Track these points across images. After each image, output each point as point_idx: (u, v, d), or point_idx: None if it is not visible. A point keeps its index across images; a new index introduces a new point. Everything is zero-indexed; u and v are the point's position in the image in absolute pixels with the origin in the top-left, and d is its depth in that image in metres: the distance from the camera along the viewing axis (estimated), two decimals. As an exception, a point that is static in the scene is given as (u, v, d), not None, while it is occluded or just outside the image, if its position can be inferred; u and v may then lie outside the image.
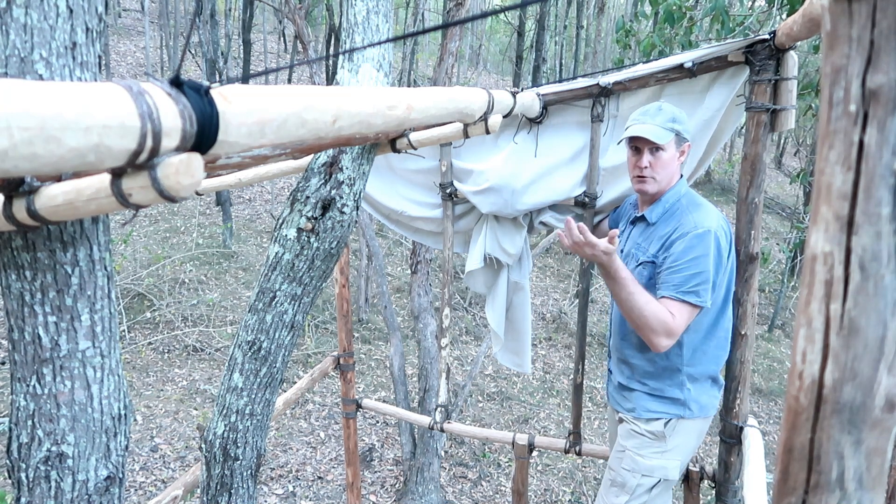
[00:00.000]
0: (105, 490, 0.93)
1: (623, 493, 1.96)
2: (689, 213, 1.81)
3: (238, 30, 14.39)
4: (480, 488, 4.69)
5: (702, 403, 1.91)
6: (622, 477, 1.97)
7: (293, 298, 1.41)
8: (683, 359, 1.87)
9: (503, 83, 19.16)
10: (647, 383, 1.93)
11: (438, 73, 4.02)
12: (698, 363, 1.88)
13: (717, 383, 1.95)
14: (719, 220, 1.80)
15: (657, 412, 1.92)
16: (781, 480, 0.50)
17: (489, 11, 0.74)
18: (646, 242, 1.89)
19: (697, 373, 1.89)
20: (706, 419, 1.95)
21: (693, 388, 1.89)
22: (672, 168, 1.85)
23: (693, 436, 1.95)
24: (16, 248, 0.82)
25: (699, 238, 1.75)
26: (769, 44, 1.76)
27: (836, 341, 0.45)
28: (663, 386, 1.90)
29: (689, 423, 1.92)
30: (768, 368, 7.35)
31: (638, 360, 1.95)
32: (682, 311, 1.74)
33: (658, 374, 1.91)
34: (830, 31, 0.44)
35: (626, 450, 1.97)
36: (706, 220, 1.78)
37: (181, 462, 4.44)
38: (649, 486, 1.94)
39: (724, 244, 1.78)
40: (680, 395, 1.89)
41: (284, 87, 0.77)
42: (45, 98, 0.50)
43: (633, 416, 1.97)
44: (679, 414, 1.90)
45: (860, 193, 0.43)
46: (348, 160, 1.37)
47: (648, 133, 1.77)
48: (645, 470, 1.93)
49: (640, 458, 1.94)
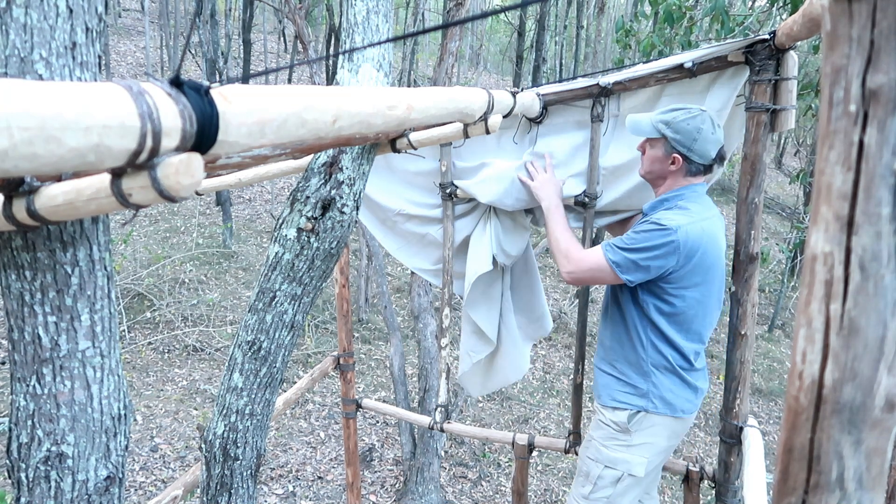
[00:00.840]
0: (105, 490, 0.93)
1: (587, 482, 2.00)
2: (667, 211, 1.85)
3: (238, 30, 14.39)
4: (480, 488, 4.69)
5: (666, 400, 1.91)
6: (587, 466, 2.02)
7: (293, 298, 1.41)
8: (648, 351, 1.92)
9: (503, 83, 19.16)
10: (616, 365, 1.99)
11: (438, 73, 4.02)
12: (664, 358, 1.91)
13: (686, 384, 1.93)
14: (693, 227, 1.77)
15: (620, 402, 1.95)
16: (781, 480, 0.50)
17: (489, 11, 0.74)
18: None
19: (660, 366, 1.91)
20: (676, 419, 1.93)
21: (657, 380, 1.91)
22: (656, 169, 1.88)
23: (662, 435, 1.94)
24: (16, 248, 0.82)
25: (656, 226, 1.78)
26: (769, 44, 1.76)
27: (836, 341, 0.45)
28: (629, 371, 1.95)
29: (656, 419, 1.92)
30: (768, 368, 7.35)
31: (610, 341, 2.02)
32: (592, 254, 1.88)
33: (626, 357, 1.96)
34: (830, 31, 0.44)
35: (593, 439, 2.02)
36: (676, 220, 1.78)
37: (181, 462, 4.44)
38: (613, 479, 1.96)
39: (685, 249, 1.76)
40: (643, 385, 1.92)
41: (284, 87, 0.77)
42: (45, 98, 0.50)
43: (599, 403, 2.02)
44: (642, 406, 1.92)
45: (860, 193, 0.43)
46: (348, 160, 1.37)
47: (629, 120, 1.88)
48: (608, 461, 1.96)
49: (604, 449, 1.97)
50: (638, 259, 1.77)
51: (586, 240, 2.32)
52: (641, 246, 1.77)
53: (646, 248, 1.77)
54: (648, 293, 1.87)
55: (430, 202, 2.63)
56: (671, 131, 1.81)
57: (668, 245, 1.76)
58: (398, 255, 2.77)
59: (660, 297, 1.86)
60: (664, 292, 1.85)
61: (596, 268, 1.85)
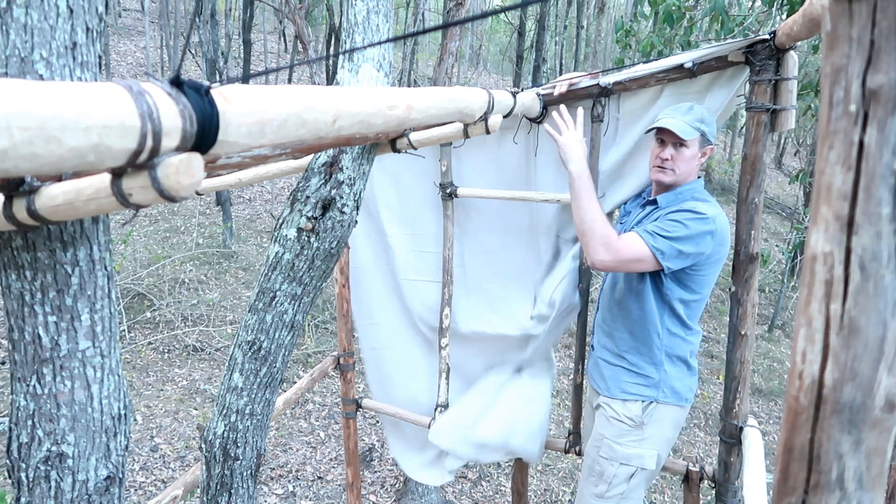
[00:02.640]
0: (105, 490, 0.93)
1: (601, 482, 1.99)
2: (695, 201, 1.87)
3: (238, 30, 14.39)
4: (480, 488, 4.69)
5: (675, 388, 1.95)
6: (600, 465, 2.01)
7: (293, 298, 1.41)
8: (664, 339, 1.93)
9: (503, 83, 19.15)
10: (626, 357, 1.99)
11: (438, 73, 4.02)
12: (676, 346, 1.94)
13: (691, 369, 1.99)
14: (722, 217, 1.85)
15: (632, 394, 1.96)
16: (781, 480, 0.50)
17: (489, 11, 0.74)
18: (647, 221, 1.93)
19: (672, 355, 1.94)
20: (681, 408, 1.98)
21: (668, 368, 1.94)
22: (692, 165, 1.90)
23: (669, 425, 1.98)
24: (16, 248, 0.82)
25: (694, 214, 1.80)
26: (769, 44, 1.76)
27: (836, 341, 0.45)
28: (641, 362, 1.96)
29: (665, 409, 1.95)
30: (768, 368, 7.35)
31: (620, 331, 2.00)
32: (633, 242, 1.79)
33: (637, 348, 1.96)
34: (830, 31, 0.44)
35: (604, 438, 2.01)
36: (709, 209, 1.83)
37: (181, 462, 4.44)
38: (627, 475, 1.97)
39: (718, 237, 1.82)
40: (654, 374, 1.94)
41: (284, 86, 0.77)
42: (46, 98, 0.50)
43: (608, 396, 2.02)
44: (653, 397, 1.94)
45: (860, 193, 0.43)
46: (348, 160, 1.37)
47: (675, 127, 1.81)
48: (622, 458, 1.97)
49: (618, 447, 1.97)
50: (682, 247, 1.78)
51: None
52: (685, 234, 1.78)
53: (689, 236, 1.78)
54: (675, 281, 1.88)
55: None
56: (706, 126, 1.86)
57: (708, 233, 1.79)
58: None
59: (685, 284, 1.88)
60: (690, 279, 1.88)
61: (637, 257, 1.78)
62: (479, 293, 2.68)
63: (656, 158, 1.93)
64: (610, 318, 2.06)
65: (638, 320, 1.96)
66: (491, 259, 2.62)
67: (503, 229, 2.56)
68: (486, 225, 2.60)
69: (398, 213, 2.71)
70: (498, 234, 2.58)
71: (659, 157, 1.91)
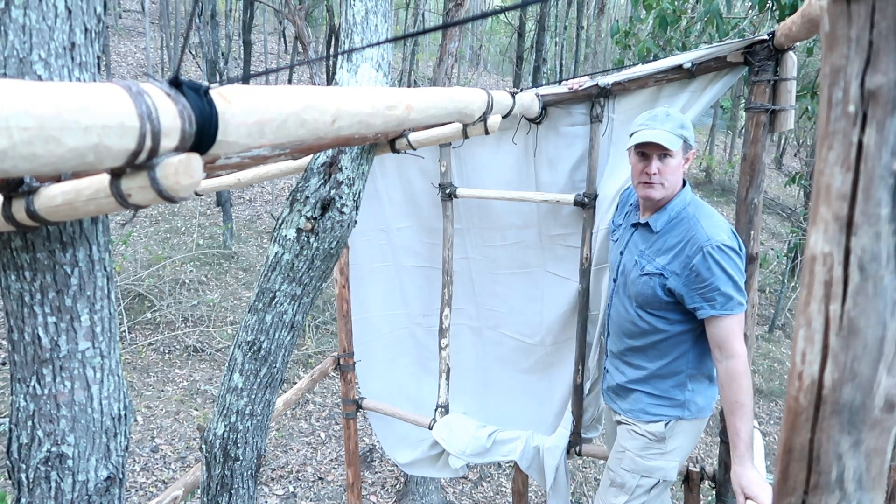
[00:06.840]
0: (105, 490, 0.93)
1: (622, 493, 1.97)
2: (699, 223, 1.76)
3: (238, 30, 14.39)
4: (481, 489, 4.69)
5: (699, 405, 1.92)
6: (622, 478, 1.97)
7: (293, 299, 1.41)
8: (691, 362, 1.88)
9: (503, 84, 19.15)
10: (652, 383, 1.93)
11: (438, 74, 4.02)
12: (703, 365, 1.90)
13: (713, 383, 1.94)
14: (729, 226, 1.79)
15: (655, 414, 1.92)
16: (781, 480, 0.50)
17: (489, 12, 0.74)
18: (651, 252, 1.84)
19: (700, 373, 1.90)
20: (702, 420, 1.96)
21: (693, 388, 1.90)
22: (678, 175, 1.80)
23: (691, 437, 1.96)
24: (15, 249, 0.82)
25: (734, 252, 1.73)
26: (768, 44, 1.76)
27: (836, 342, 0.45)
28: (667, 387, 1.90)
29: (688, 423, 1.93)
30: (768, 369, 7.35)
31: (647, 364, 1.92)
32: (737, 323, 1.74)
33: (664, 376, 1.90)
34: (829, 32, 0.44)
35: (626, 451, 1.97)
36: (720, 231, 1.74)
37: (181, 462, 4.44)
38: (648, 486, 1.95)
39: (740, 249, 1.78)
40: (680, 396, 1.90)
41: (284, 87, 0.77)
42: (45, 98, 0.50)
43: (631, 417, 1.97)
44: (678, 415, 1.90)
45: (859, 194, 0.43)
46: (348, 160, 1.37)
47: (661, 139, 1.70)
48: (644, 471, 1.94)
49: (640, 459, 1.94)
50: (740, 280, 1.75)
51: (585, 240, 2.32)
52: (738, 271, 1.74)
53: (740, 270, 1.75)
54: None
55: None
56: (686, 131, 1.77)
57: (742, 250, 1.77)
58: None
59: None
60: None
61: (743, 326, 1.77)
62: (484, 292, 2.73)
63: (641, 174, 1.79)
64: (632, 353, 1.96)
65: (666, 351, 1.88)
66: (494, 253, 2.66)
67: (503, 227, 2.57)
68: (488, 222, 2.62)
69: (402, 206, 2.77)
70: (498, 231, 2.60)
71: (644, 172, 1.78)
